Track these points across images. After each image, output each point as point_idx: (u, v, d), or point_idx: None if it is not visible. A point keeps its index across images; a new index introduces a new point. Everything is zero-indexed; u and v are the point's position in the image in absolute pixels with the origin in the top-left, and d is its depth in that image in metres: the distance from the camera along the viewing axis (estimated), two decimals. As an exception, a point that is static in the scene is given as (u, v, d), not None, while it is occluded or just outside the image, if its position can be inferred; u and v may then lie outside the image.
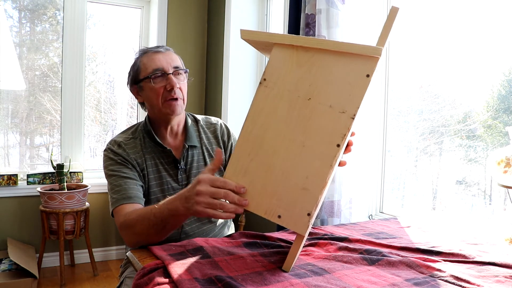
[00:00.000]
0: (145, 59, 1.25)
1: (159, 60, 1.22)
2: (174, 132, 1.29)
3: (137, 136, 1.28)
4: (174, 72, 1.22)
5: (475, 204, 1.62)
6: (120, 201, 1.14)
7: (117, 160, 1.21)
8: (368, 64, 0.77)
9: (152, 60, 1.23)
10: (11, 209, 2.65)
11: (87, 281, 2.55)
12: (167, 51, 1.27)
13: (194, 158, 1.29)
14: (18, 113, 2.87)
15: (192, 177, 1.27)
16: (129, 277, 1.21)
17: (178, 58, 1.28)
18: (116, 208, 1.14)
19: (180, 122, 1.30)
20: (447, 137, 1.71)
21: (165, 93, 1.21)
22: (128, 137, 1.28)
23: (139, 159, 1.23)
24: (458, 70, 1.67)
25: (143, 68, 1.24)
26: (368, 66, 0.77)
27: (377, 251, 0.95)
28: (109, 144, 1.26)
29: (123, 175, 1.19)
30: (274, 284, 0.74)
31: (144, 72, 1.24)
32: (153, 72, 1.21)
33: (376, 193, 1.92)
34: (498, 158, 1.11)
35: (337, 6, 1.66)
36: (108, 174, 1.21)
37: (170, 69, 1.22)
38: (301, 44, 0.79)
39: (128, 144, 1.25)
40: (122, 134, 1.30)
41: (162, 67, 1.21)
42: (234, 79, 2.74)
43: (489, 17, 1.53)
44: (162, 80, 1.21)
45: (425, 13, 1.79)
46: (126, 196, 1.14)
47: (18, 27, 2.87)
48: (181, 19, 3.10)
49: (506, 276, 0.80)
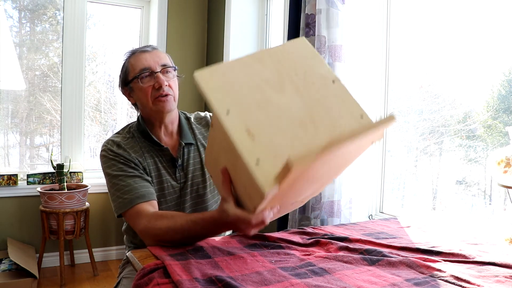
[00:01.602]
0: (133, 60, 1.24)
1: (146, 59, 1.22)
2: (169, 131, 1.28)
3: (132, 136, 1.26)
4: (162, 70, 1.21)
5: (475, 204, 1.62)
6: (134, 201, 1.10)
7: (119, 160, 1.19)
8: (379, 133, 0.79)
9: (139, 60, 1.22)
10: (11, 209, 2.65)
11: (87, 281, 2.55)
12: (154, 50, 1.26)
13: (191, 155, 1.28)
14: (18, 113, 2.87)
15: (190, 174, 1.26)
16: (126, 277, 1.21)
17: (166, 56, 1.27)
18: (130, 210, 1.10)
19: (174, 121, 1.29)
20: (447, 137, 1.71)
21: (154, 91, 1.20)
22: (126, 137, 1.26)
23: (140, 158, 1.22)
24: (458, 70, 1.67)
25: (131, 69, 1.24)
26: (377, 135, 0.79)
27: (377, 251, 0.95)
28: (107, 144, 1.23)
29: (130, 174, 1.16)
30: (274, 284, 0.74)
31: (132, 73, 1.23)
32: (141, 72, 1.20)
33: (376, 193, 1.92)
34: (498, 158, 1.11)
35: (337, 6, 1.66)
36: (112, 175, 1.17)
37: (157, 67, 1.21)
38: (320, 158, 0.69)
39: (128, 144, 1.23)
40: (118, 135, 1.28)
41: (149, 66, 1.21)
42: (234, 79, 2.74)
43: (489, 17, 1.53)
44: (150, 80, 1.21)
45: (425, 13, 1.79)
46: (139, 194, 1.11)
47: (18, 27, 2.87)
48: (181, 19, 3.09)
49: (506, 276, 0.80)
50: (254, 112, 0.77)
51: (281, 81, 0.82)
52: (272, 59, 0.84)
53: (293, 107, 0.79)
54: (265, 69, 0.82)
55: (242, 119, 0.75)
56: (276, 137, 0.75)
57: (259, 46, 2.80)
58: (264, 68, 0.82)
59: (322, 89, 0.82)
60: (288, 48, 0.87)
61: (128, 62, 1.26)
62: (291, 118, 0.78)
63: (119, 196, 1.14)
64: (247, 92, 0.79)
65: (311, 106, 0.80)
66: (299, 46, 0.88)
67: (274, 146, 0.74)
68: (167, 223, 0.98)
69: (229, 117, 0.75)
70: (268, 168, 0.71)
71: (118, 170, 1.17)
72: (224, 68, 0.81)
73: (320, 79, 0.84)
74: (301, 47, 0.88)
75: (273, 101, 0.79)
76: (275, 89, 0.80)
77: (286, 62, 0.85)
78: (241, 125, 0.75)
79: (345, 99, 0.82)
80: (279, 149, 0.74)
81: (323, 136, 0.77)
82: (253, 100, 0.78)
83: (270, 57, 0.84)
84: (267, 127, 0.76)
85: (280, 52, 0.86)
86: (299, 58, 0.86)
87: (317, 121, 0.78)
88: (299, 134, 0.76)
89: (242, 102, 0.77)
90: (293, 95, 0.81)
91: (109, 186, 1.19)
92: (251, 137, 0.74)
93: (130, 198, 1.11)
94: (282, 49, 0.86)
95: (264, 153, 0.73)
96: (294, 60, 0.86)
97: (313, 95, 0.81)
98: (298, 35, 1.85)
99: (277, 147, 0.74)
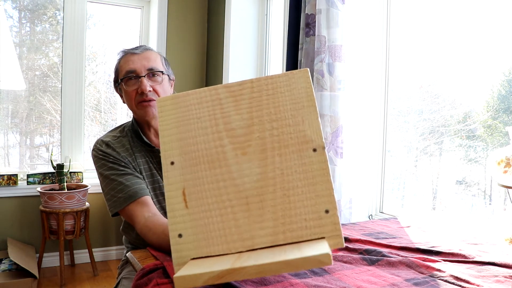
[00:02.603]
0: (122, 60, 1.23)
1: (133, 62, 1.19)
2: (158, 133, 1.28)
3: (125, 135, 1.25)
4: (148, 74, 1.19)
5: (475, 204, 1.62)
6: (128, 200, 1.10)
7: (108, 159, 1.18)
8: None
9: (126, 62, 1.21)
10: (11, 209, 2.65)
11: (87, 281, 2.55)
12: (144, 52, 1.23)
13: None
14: (18, 113, 2.87)
15: None
16: (125, 277, 1.20)
17: (157, 58, 1.24)
18: (126, 208, 1.11)
19: None
20: (447, 137, 1.71)
21: (138, 96, 1.19)
22: (116, 136, 1.25)
23: (129, 157, 1.20)
24: (458, 70, 1.67)
25: (120, 70, 1.23)
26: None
27: (377, 251, 0.95)
28: (97, 144, 1.22)
29: (121, 172, 1.16)
30: (273, 284, 0.74)
31: (120, 74, 1.22)
32: (126, 74, 1.19)
33: (376, 193, 1.92)
34: (498, 158, 1.11)
35: (337, 6, 1.66)
36: (104, 175, 1.17)
37: (143, 71, 1.19)
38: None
39: (116, 143, 1.22)
40: (110, 133, 1.27)
41: (134, 69, 1.18)
42: (234, 79, 2.74)
43: (489, 17, 1.53)
44: (135, 83, 1.19)
45: (425, 13, 1.79)
46: (132, 192, 1.11)
47: (18, 27, 2.87)
48: (181, 19, 3.10)
49: (506, 276, 0.80)
50: (200, 170, 0.66)
51: (248, 133, 0.67)
52: (252, 94, 0.68)
53: (247, 174, 0.65)
54: (237, 109, 0.68)
55: (183, 176, 0.65)
56: (210, 213, 0.64)
57: (259, 46, 2.80)
58: (236, 108, 0.68)
59: (294, 157, 0.65)
60: (281, 82, 0.69)
61: (118, 62, 1.25)
62: (238, 188, 0.65)
63: (113, 195, 1.14)
64: (202, 139, 0.67)
65: (269, 180, 0.65)
66: (297, 82, 0.69)
67: (203, 226, 0.64)
68: (157, 240, 0.97)
69: (173, 167, 0.66)
70: (187, 251, 0.63)
71: (109, 169, 1.17)
72: (184, 100, 0.69)
73: (300, 141, 0.66)
74: (299, 84, 0.68)
75: (227, 158, 0.66)
76: (237, 142, 0.66)
77: (268, 103, 0.68)
78: (180, 184, 0.65)
79: (317, 181, 0.64)
80: (207, 231, 0.63)
81: (261, 238, 0.63)
82: (204, 151, 0.66)
83: (251, 90, 0.68)
84: (205, 196, 0.65)
85: (266, 86, 0.69)
86: (288, 101, 0.68)
87: (266, 207, 0.64)
88: (237, 217, 0.64)
89: (190, 152, 0.66)
90: (254, 156, 0.66)
91: (102, 185, 1.19)
92: (184, 202, 0.64)
93: (124, 197, 1.11)
94: (272, 81, 0.69)
95: (189, 229, 0.63)
96: (280, 102, 0.68)
97: (280, 163, 0.65)
98: (298, 35, 1.85)
99: (206, 227, 0.64)
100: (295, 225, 0.63)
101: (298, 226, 0.63)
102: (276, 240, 0.63)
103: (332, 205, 0.63)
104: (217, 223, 0.64)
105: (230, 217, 0.64)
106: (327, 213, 0.62)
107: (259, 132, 0.67)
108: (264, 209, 0.64)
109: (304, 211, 0.63)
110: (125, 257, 1.28)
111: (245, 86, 0.69)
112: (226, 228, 0.64)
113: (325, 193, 0.63)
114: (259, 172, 0.65)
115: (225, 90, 0.69)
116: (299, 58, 1.83)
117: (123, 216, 1.15)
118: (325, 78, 1.65)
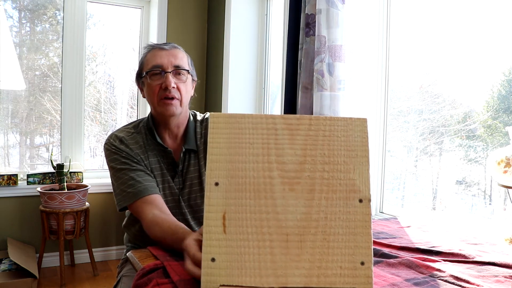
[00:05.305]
0: (149, 54, 1.23)
1: (161, 57, 1.20)
2: (174, 134, 1.26)
3: (139, 132, 1.25)
4: (174, 71, 1.20)
5: (475, 204, 1.62)
6: (138, 195, 1.11)
7: (121, 154, 1.19)
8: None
9: (154, 56, 1.21)
10: (11, 209, 2.65)
11: (87, 281, 2.55)
12: (172, 49, 1.23)
13: (191, 162, 1.25)
14: (18, 113, 2.87)
15: (188, 181, 1.24)
16: (125, 275, 1.20)
17: (184, 57, 1.25)
18: (135, 203, 1.11)
19: (181, 125, 1.26)
20: (447, 137, 1.71)
21: (161, 91, 1.19)
22: (130, 132, 1.25)
23: (142, 155, 1.21)
24: (458, 70, 1.67)
25: (145, 64, 1.23)
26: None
27: (377, 251, 0.95)
28: (110, 138, 1.22)
29: (132, 168, 1.16)
30: (273, 284, 0.73)
31: (145, 68, 1.22)
32: (152, 68, 1.20)
33: (376, 193, 1.92)
34: (498, 158, 1.11)
35: (337, 6, 1.66)
36: (116, 169, 1.18)
37: (169, 67, 1.19)
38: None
39: (130, 139, 1.22)
40: (124, 128, 1.27)
41: (161, 64, 1.19)
42: (234, 79, 2.74)
43: (489, 17, 1.53)
44: (160, 78, 1.19)
45: (425, 13, 1.79)
46: (142, 188, 1.12)
47: (18, 27, 2.87)
48: (181, 19, 3.10)
49: (506, 276, 0.80)
50: (244, 197, 0.64)
51: (299, 170, 0.66)
52: (309, 132, 0.67)
53: (292, 211, 0.64)
54: (292, 143, 0.66)
55: (226, 200, 0.64)
56: (248, 243, 0.63)
57: (259, 46, 2.80)
58: (291, 142, 0.66)
59: (340, 203, 0.65)
60: (339, 125, 0.68)
61: (145, 56, 1.25)
62: (280, 223, 0.64)
63: (123, 189, 1.14)
64: (251, 166, 0.65)
65: (312, 221, 0.64)
66: (354, 130, 0.68)
67: (238, 254, 0.62)
68: (166, 229, 0.98)
69: (216, 189, 0.64)
70: (218, 276, 0.62)
71: (121, 164, 1.18)
72: (239, 121, 0.67)
73: (348, 189, 0.65)
74: (355, 132, 0.68)
75: (274, 191, 0.65)
76: (287, 177, 0.65)
77: (324, 144, 0.67)
78: (221, 207, 0.64)
79: (358, 232, 0.64)
80: (242, 261, 0.62)
81: (295, 277, 0.62)
82: (252, 179, 0.65)
83: (308, 127, 0.67)
84: (245, 224, 0.63)
85: (323, 126, 0.67)
86: (343, 147, 0.67)
87: (304, 248, 0.63)
88: (274, 252, 0.63)
89: (238, 177, 0.65)
90: (301, 194, 0.65)
91: (112, 179, 1.20)
92: (223, 227, 0.63)
93: (134, 192, 1.12)
94: (330, 123, 0.67)
95: (223, 255, 0.62)
96: (335, 146, 0.67)
97: (325, 206, 0.65)
98: (298, 35, 1.85)
99: (241, 256, 0.62)
100: (330, 271, 0.63)
101: (333, 272, 0.63)
102: (309, 282, 0.62)
103: (368, 258, 0.63)
104: (253, 254, 0.63)
105: (268, 251, 0.63)
106: (362, 265, 0.63)
107: (310, 172, 0.66)
108: (303, 249, 0.63)
109: (341, 258, 0.63)
110: (125, 256, 1.28)
111: (303, 121, 0.68)
112: (261, 261, 0.63)
113: (364, 245, 0.64)
114: (303, 212, 0.64)
115: (282, 121, 0.67)
116: (299, 58, 1.83)
117: (131, 210, 1.15)
118: (325, 78, 1.65)
